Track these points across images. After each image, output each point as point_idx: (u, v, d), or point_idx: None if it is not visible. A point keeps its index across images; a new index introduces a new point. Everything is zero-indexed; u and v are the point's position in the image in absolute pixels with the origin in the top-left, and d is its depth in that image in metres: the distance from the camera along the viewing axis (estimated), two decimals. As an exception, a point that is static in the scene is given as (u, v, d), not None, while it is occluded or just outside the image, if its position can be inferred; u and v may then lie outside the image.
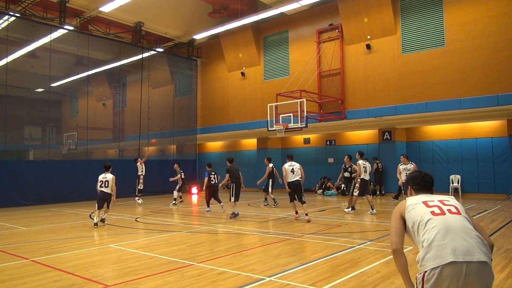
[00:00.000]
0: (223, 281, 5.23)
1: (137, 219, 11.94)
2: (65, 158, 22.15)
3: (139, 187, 17.23)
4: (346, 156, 13.41)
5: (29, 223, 11.66)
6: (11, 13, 17.17)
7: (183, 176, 16.65)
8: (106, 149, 26.80)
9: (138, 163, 17.41)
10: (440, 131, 18.43)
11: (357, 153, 12.72)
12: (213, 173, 13.33)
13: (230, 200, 11.95)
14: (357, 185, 12.18)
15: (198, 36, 22.61)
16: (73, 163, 19.83)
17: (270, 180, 14.53)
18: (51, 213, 14.40)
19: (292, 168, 11.20)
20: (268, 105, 17.39)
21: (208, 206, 13.38)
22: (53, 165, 18.73)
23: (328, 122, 19.00)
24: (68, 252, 7.36)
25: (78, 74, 23.37)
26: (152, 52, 23.35)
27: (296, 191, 10.91)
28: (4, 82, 17.26)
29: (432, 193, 2.99)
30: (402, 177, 11.97)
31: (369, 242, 7.66)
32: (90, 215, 12.82)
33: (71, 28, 19.24)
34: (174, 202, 16.04)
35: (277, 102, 17.29)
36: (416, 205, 2.78)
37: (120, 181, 20.10)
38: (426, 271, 2.52)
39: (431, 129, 18.71)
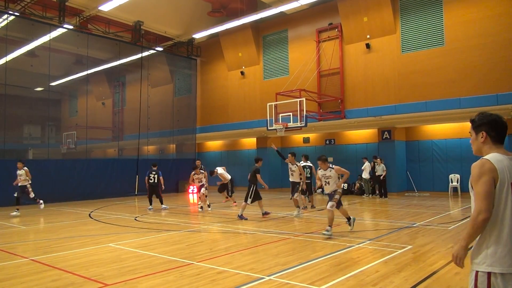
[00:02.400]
0: (223, 280, 5.23)
1: (136, 218, 11.94)
2: (65, 157, 22.18)
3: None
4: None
5: (28, 222, 11.65)
6: (10, 12, 17.16)
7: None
8: (105, 148, 26.82)
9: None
10: (439, 130, 18.44)
11: (302, 156, 13.21)
12: (153, 172, 14.23)
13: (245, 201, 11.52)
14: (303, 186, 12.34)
15: (197, 35, 22.59)
16: (73, 162, 19.83)
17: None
18: (50, 212, 14.39)
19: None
20: (268, 104, 17.36)
21: (151, 204, 14.34)
22: (52, 164, 18.71)
23: (327, 121, 18.99)
24: (67, 251, 7.36)
25: (77, 73, 23.37)
26: (152, 51, 23.34)
27: (228, 187, 15.51)
28: (4, 81, 17.24)
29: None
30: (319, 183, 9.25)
31: (368, 242, 7.66)
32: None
33: (71, 27, 19.22)
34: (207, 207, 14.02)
35: (276, 101, 17.26)
36: (506, 185, 2.50)
37: (119, 180, 20.29)
38: (491, 273, 2.46)
39: (431, 128, 18.72)
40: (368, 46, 17.82)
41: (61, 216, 13.02)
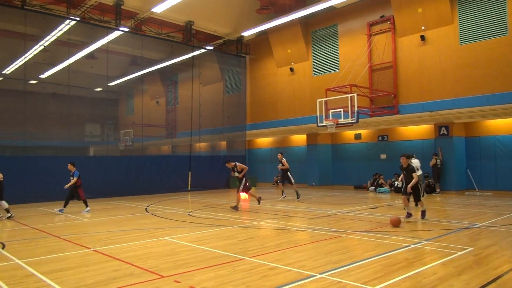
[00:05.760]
0: (274, 276, 5.25)
1: (189, 213, 12.30)
2: (122, 154, 23.27)
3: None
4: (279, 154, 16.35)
5: (90, 215, 12.38)
6: (71, 17, 18.23)
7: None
8: (160, 145, 27.82)
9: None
10: (503, 125, 17.25)
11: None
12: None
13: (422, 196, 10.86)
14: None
15: (246, 33, 22.74)
16: (130, 158, 20.77)
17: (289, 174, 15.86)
18: (110, 206, 15.20)
19: None
20: (318, 100, 17.16)
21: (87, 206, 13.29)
22: (111, 160, 19.73)
23: (380, 117, 18.43)
24: (126, 243, 7.73)
25: (133, 73, 24.40)
26: (202, 50, 23.84)
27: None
28: (67, 83, 18.42)
29: None
30: None
31: (425, 242, 7.36)
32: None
33: (126, 29, 20.08)
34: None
35: (326, 97, 17.02)
36: None
37: (173, 176, 20.98)
38: None
39: (493, 123, 17.56)
40: (423, 38, 17.07)
41: (120, 210, 13.70)
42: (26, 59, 17.85)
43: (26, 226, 10.31)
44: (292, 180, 15.63)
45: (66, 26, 18.30)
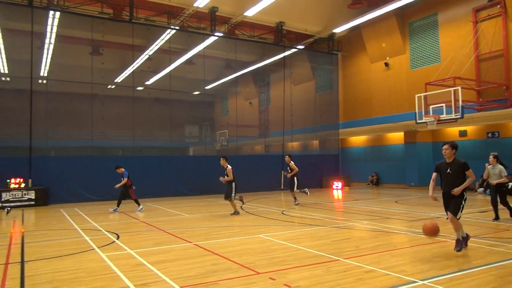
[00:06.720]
0: (371, 280, 5.06)
1: (283, 212, 12.43)
2: (219, 154, 24.40)
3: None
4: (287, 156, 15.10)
5: (191, 211, 13.19)
6: (172, 26, 19.62)
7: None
8: (253, 145, 28.60)
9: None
10: None
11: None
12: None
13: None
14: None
15: (338, 30, 22.31)
16: (225, 158, 21.66)
17: (296, 178, 14.63)
18: (208, 202, 16.04)
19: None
20: (416, 95, 16.18)
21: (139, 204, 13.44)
22: (208, 160, 20.81)
23: (489, 111, 16.71)
24: (224, 239, 8.09)
25: (227, 76, 25.46)
26: (293, 50, 23.95)
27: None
28: (168, 88, 19.90)
29: None
30: None
31: (548, 251, 6.49)
32: None
33: (221, 34, 21.01)
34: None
35: (426, 92, 15.97)
36: None
37: (266, 175, 21.41)
38: None
39: None
40: (542, 20, 15.11)
41: (218, 207, 14.39)
42: (134, 68, 19.66)
43: (136, 220, 11.36)
44: (295, 186, 14.46)
45: (167, 35, 19.79)
